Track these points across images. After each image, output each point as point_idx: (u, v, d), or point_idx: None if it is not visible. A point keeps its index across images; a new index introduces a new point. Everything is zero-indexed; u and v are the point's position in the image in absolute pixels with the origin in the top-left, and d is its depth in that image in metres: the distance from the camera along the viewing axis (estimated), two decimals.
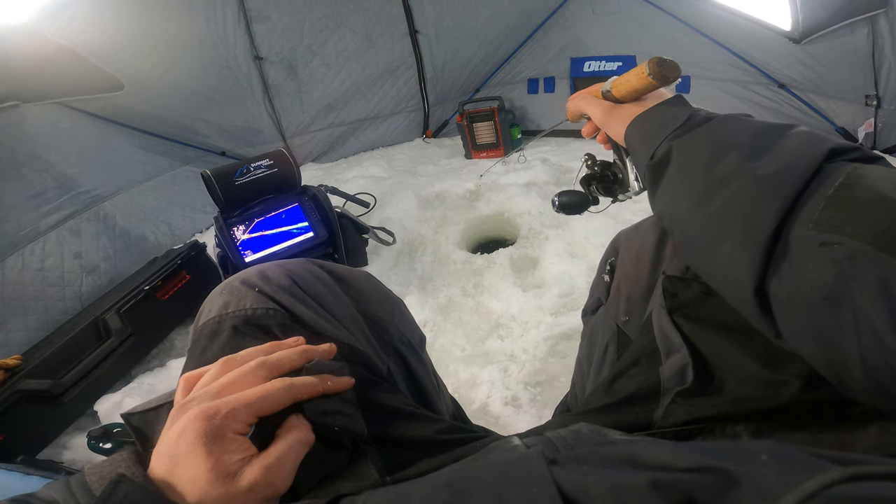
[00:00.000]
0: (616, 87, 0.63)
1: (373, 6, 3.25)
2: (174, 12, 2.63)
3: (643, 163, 0.56)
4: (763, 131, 0.46)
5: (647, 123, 0.57)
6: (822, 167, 0.39)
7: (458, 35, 3.34)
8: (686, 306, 0.52)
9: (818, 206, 0.36)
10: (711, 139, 0.49)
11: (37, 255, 2.02)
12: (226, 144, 3.06)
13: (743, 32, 2.57)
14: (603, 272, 0.76)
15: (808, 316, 0.36)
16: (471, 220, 2.38)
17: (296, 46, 3.17)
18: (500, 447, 0.43)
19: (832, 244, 0.34)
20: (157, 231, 2.51)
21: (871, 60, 2.26)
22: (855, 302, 0.32)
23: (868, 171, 0.36)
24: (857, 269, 0.32)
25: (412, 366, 0.68)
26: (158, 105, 2.65)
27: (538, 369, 1.50)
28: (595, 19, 3.07)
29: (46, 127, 2.17)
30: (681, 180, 0.50)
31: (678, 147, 0.51)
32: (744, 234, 0.40)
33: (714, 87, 2.79)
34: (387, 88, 3.48)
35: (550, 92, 3.33)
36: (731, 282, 0.43)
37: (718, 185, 0.44)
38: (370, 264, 2.07)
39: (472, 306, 1.83)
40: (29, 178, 2.07)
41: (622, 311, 0.68)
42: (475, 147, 3.11)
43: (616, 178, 0.73)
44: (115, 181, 2.43)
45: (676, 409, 0.48)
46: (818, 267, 0.35)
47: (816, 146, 0.41)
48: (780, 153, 0.42)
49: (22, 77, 2.06)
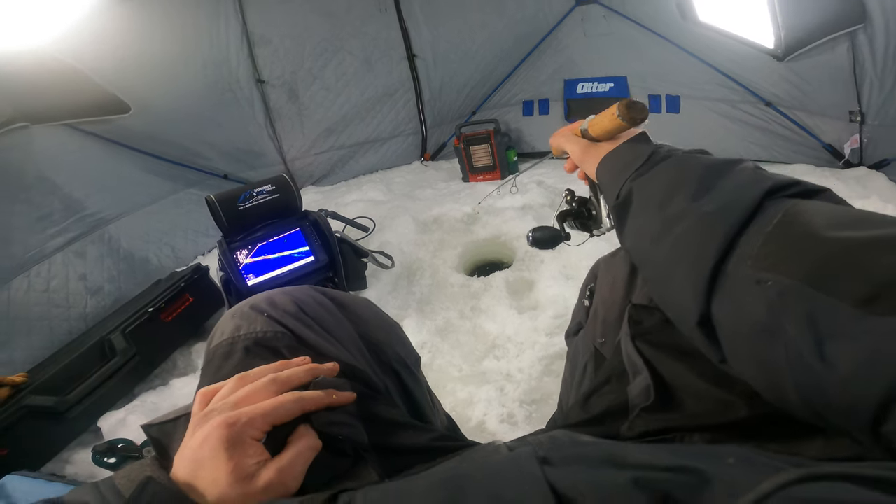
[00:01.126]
0: (592, 127, 0.66)
1: (371, 31, 3.34)
2: (181, 34, 2.72)
3: (610, 203, 0.60)
4: (710, 169, 0.49)
5: (613, 163, 0.61)
6: (762, 204, 0.42)
7: (455, 58, 3.42)
8: (648, 333, 0.56)
9: (757, 242, 0.39)
10: (664, 179, 0.53)
11: (42, 277, 2.06)
12: (228, 167, 3.11)
13: (729, 52, 2.63)
14: (583, 297, 0.81)
15: (748, 346, 0.39)
16: (468, 244, 2.42)
17: (297, 70, 3.25)
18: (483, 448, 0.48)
19: (767, 282, 0.37)
20: (160, 253, 2.55)
21: (852, 76, 2.31)
22: (787, 334, 0.35)
23: (805, 208, 0.39)
24: (788, 305, 0.35)
25: (407, 384, 0.73)
26: (163, 128, 2.71)
27: (533, 388, 1.54)
28: (587, 42, 3.14)
29: (54, 148, 2.22)
30: (640, 220, 0.54)
31: (637, 188, 0.55)
32: (690, 269, 0.44)
33: (703, 106, 2.84)
34: (385, 112, 3.55)
35: (545, 114, 3.39)
36: (680, 313, 0.47)
37: (670, 224, 0.48)
38: (370, 288, 2.10)
39: (469, 328, 1.87)
40: (36, 200, 2.11)
41: (599, 333, 0.73)
42: (472, 170, 3.16)
43: (590, 215, 0.78)
44: (120, 204, 2.48)
45: (640, 422, 0.52)
46: (754, 302, 0.38)
47: (758, 184, 0.44)
48: (722, 192, 0.46)
49: (32, 98, 2.11)
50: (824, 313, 0.33)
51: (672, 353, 0.53)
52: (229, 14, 2.94)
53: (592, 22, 3.05)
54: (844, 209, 0.40)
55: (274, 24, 3.11)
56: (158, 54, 2.60)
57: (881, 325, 0.30)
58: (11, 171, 2.05)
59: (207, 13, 2.85)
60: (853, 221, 0.36)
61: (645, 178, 0.55)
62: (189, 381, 1.79)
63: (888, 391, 0.29)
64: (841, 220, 0.36)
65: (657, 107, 2.98)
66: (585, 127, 0.68)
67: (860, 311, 0.31)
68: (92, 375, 1.68)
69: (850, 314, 0.32)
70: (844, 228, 0.35)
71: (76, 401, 1.60)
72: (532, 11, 3.15)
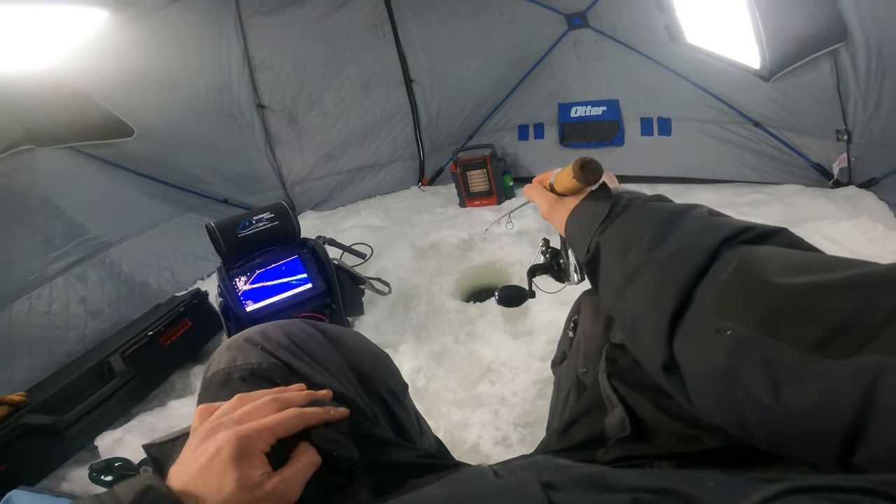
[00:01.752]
0: (556, 183, 0.69)
1: (370, 56, 3.41)
2: (184, 59, 2.79)
3: (581, 260, 0.62)
4: (665, 219, 0.52)
5: (579, 219, 0.64)
6: (719, 251, 0.44)
7: (452, 84, 3.49)
8: (622, 371, 0.60)
9: (715, 291, 0.41)
10: (623, 233, 0.55)
11: (44, 299, 2.09)
12: (228, 192, 3.15)
13: (718, 73, 2.68)
14: (568, 328, 0.84)
15: (711, 389, 0.41)
16: (464, 270, 2.44)
17: (297, 95, 3.32)
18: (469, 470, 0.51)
19: (725, 330, 0.39)
20: (159, 278, 2.57)
21: (837, 95, 2.33)
22: (745, 379, 0.37)
23: (758, 255, 0.41)
24: (745, 353, 0.37)
25: (395, 410, 0.77)
26: (165, 151, 2.76)
27: (527, 411, 1.56)
28: (580, 65, 3.20)
29: (59, 172, 2.27)
30: (606, 273, 0.57)
31: (602, 242, 0.57)
32: (651, 320, 0.47)
33: (694, 128, 2.89)
34: (383, 137, 3.60)
35: (540, 138, 3.43)
36: (646, 359, 0.50)
37: (631, 276, 0.51)
38: (367, 314, 2.12)
39: (464, 353, 1.89)
40: (40, 223, 2.15)
41: (581, 363, 0.76)
42: (469, 195, 3.18)
43: (560, 267, 0.81)
44: (122, 228, 2.51)
45: (615, 449, 0.56)
46: (714, 350, 0.40)
47: (713, 232, 0.46)
48: (677, 240, 0.48)
49: (39, 120, 2.15)
50: (779, 359, 0.35)
51: (643, 390, 0.56)
52: (231, 39, 3.02)
53: (584, 46, 3.12)
54: (796, 254, 0.42)
55: (275, 50, 3.18)
56: (162, 78, 2.66)
57: (832, 368, 0.32)
58: (17, 194, 2.09)
59: (210, 38, 2.92)
60: (802, 267, 0.38)
61: (608, 231, 0.57)
62: (186, 403, 1.80)
63: (847, 430, 0.30)
64: (791, 266, 0.38)
65: (649, 130, 3.03)
66: (552, 181, 0.70)
67: (812, 356, 0.33)
68: (90, 396, 1.70)
69: (802, 359, 0.33)
70: (795, 274, 0.37)
71: (74, 420, 1.62)
72: (526, 36, 3.23)
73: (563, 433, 0.65)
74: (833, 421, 0.31)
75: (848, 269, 0.35)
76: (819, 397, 0.32)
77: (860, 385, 0.30)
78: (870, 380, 0.29)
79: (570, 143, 3.29)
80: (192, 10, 2.76)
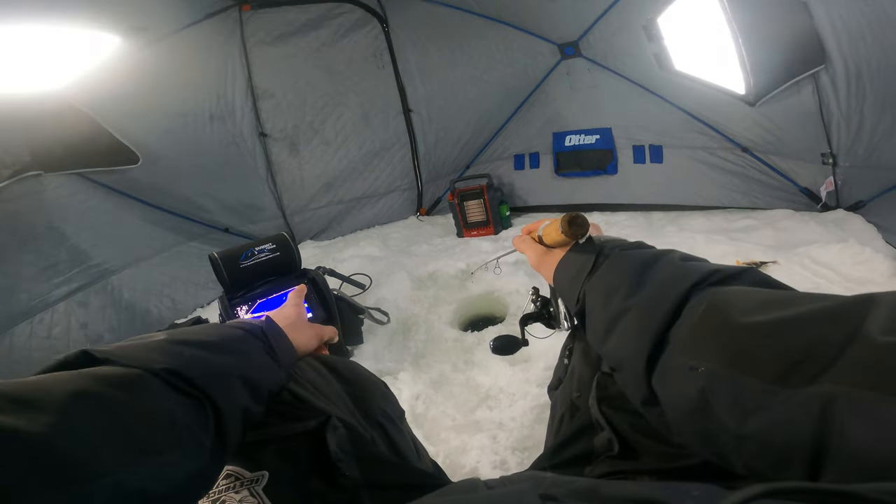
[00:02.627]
0: (544, 236, 0.72)
1: (369, 86, 3.51)
2: (191, 86, 2.86)
3: (572, 309, 0.67)
4: (640, 266, 0.57)
5: (566, 271, 0.69)
6: (689, 296, 0.49)
7: (449, 113, 3.57)
8: (611, 398, 0.65)
9: (686, 333, 0.46)
10: (604, 282, 0.60)
11: (45, 324, 2.11)
12: (229, 221, 3.19)
13: (705, 99, 2.75)
14: (564, 356, 0.89)
15: (687, 422, 0.46)
16: (462, 300, 2.47)
17: (298, 124, 3.39)
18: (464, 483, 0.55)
19: (698, 368, 0.43)
20: (160, 305, 2.59)
21: (820, 118, 2.38)
22: (716, 411, 0.41)
23: (724, 297, 0.45)
24: (715, 387, 0.41)
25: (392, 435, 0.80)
26: (169, 179, 2.80)
27: (525, 436, 1.56)
28: (573, 94, 3.28)
29: (65, 199, 2.30)
30: (592, 319, 0.61)
31: (588, 291, 0.62)
32: (631, 361, 0.51)
33: (684, 154, 2.95)
34: (382, 166, 3.66)
35: (536, 167, 3.49)
36: (630, 396, 0.55)
37: (613, 321, 0.56)
38: (366, 343, 2.14)
39: (462, 380, 1.90)
40: (45, 250, 2.18)
41: (575, 389, 0.80)
42: (466, 225, 3.22)
43: (551, 315, 0.86)
44: (125, 255, 2.54)
45: (603, 465, 0.60)
46: (688, 386, 0.44)
47: (683, 279, 0.51)
48: (651, 287, 0.53)
49: (47, 145, 2.18)
50: (746, 391, 0.39)
51: (629, 415, 0.61)
52: (236, 67, 3.10)
53: (577, 75, 3.20)
54: (758, 293, 0.46)
55: (277, 79, 3.27)
56: (167, 105, 2.73)
57: (792, 397, 0.35)
58: (22, 219, 2.13)
59: (216, 66, 3.01)
60: (764, 305, 0.42)
61: (591, 281, 0.62)
62: None
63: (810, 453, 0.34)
64: (754, 306, 0.42)
65: (642, 157, 3.10)
66: (540, 234, 0.74)
67: (775, 387, 0.36)
68: None
69: (766, 390, 0.37)
70: (757, 313, 0.41)
71: None
72: (521, 66, 3.32)
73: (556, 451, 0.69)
74: (797, 445, 0.35)
75: (805, 304, 0.39)
76: (782, 424, 0.36)
77: (815, 412, 0.33)
78: (822, 407, 0.33)
79: (566, 173, 3.35)
80: (198, 39, 2.85)
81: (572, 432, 0.70)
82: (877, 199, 2.39)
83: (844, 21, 2.10)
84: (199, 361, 0.52)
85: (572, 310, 0.66)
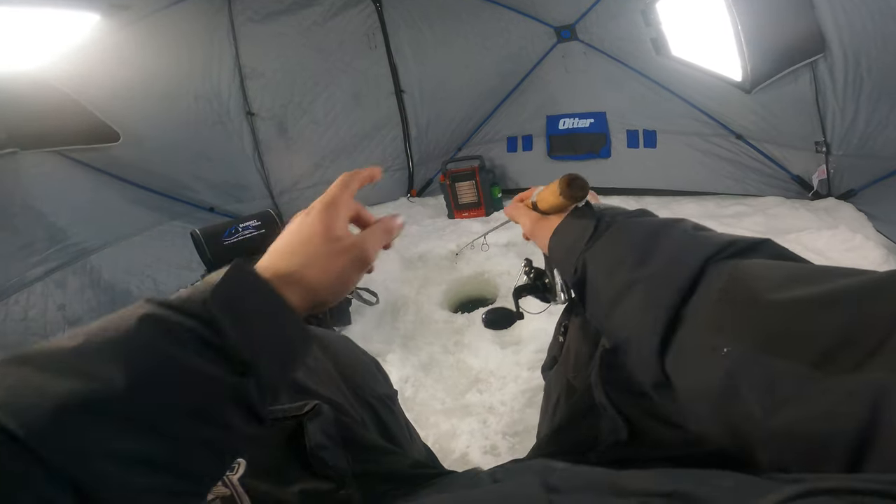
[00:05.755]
0: (539, 201, 0.67)
1: (361, 66, 3.43)
2: (174, 65, 2.77)
3: (569, 280, 0.61)
4: (649, 234, 0.51)
5: (563, 239, 0.62)
6: (705, 269, 0.43)
7: (442, 95, 3.51)
8: (616, 378, 0.58)
9: (706, 310, 0.41)
10: (609, 250, 0.54)
11: (21, 306, 2.04)
12: (214, 200, 3.12)
13: (701, 85, 2.73)
14: (559, 333, 0.84)
15: (709, 410, 0.40)
16: (452, 281, 2.44)
17: (287, 104, 3.31)
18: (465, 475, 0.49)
19: (721, 348, 0.38)
20: (141, 286, 2.53)
21: (816, 107, 2.38)
22: (744, 398, 0.36)
23: (747, 271, 0.40)
24: (743, 371, 0.36)
25: (383, 417, 0.75)
26: (151, 158, 2.73)
27: (516, 420, 1.55)
28: (568, 78, 3.24)
29: (42, 176, 2.23)
30: (593, 292, 0.56)
31: (589, 261, 0.56)
32: (639, 339, 0.46)
33: (678, 140, 2.93)
34: (373, 147, 3.60)
35: (528, 150, 3.45)
36: (639, 377, 0.49)
37: (618, 295, 0.50)
38: (354, 324, 2.11)
39: (452, 363, 1.88)
40: (20, 228, 2.11)
41: (571, 368, 0.76)
42: (457, 207, 3.19)
43: (546, 287, 0.80)
44: (104, 234, 2.47)
45: (610, 452, 0.55)
46: (710, 369, 0.39)
47: (698, 249, 0.45)
48: (662, 257, 0.48)
49: (23, 123, 2.12)
50: (780, 377, 0.34)
51: (637, 397, 0.55)
52: (223, 46, 3.01)
53: (573, 58, 3.16)
54: (783, 266, 0.41)
55: (266, 58, 3.18)
56: (151, 84, 2.64)
57: (835, 385, 0.31)
58: None
59: (202, 44, 2.92)
60: (791, 280, 0.37)
61: (593, 250, 0.56)
62: None
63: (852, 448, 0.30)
64: (780, 281, 0.38)
65: (635, 142, 3.08)
66: (535, 199, 0.69)
67: (815, 373, 0.32)
68: None
69: (804, 376, 0.33)
70: (786, 289, 0.36)
71: None
72: (516, 49, 3.27)
73: (553, 437, 0.64)
74: (837, 440, 0.30)
75: (838, 279, 0.35)
76: (821, 416, 0.31)
77: (864, 403, 0.29)
78: (874, 398, 0.29)
79: (558, 156, 3.32)
80: (183, 17, 2.75)
81: (570, 416, 0.65)
82: (868, 187, 2.41)
83: (846, 11, 2.10)
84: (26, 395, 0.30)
85: (569, 281, 0.61)
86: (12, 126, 2.07)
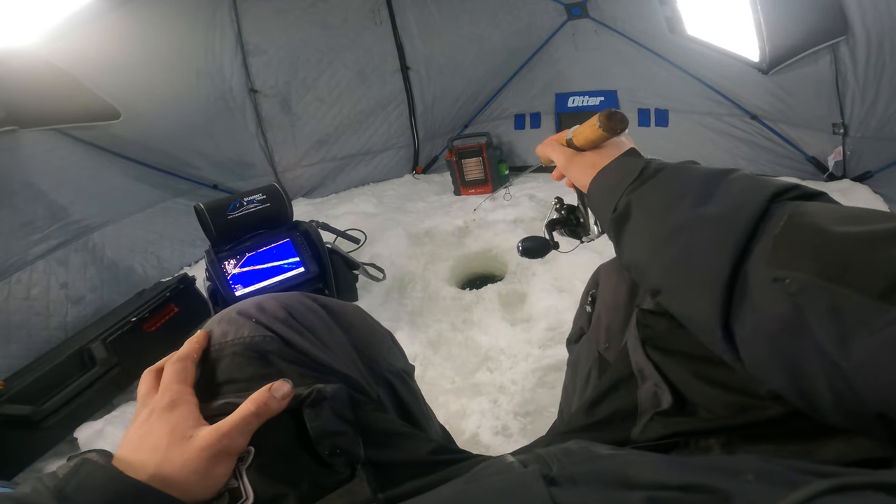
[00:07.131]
0: (576, 137, 0.68)
1: (366, 43, 3.35)
2: (176, 42, 2.71)
3: (606, 217, 0.60)
4: (709, 177, 0.50)
5: (606, 177, 0.62)
6: (768, 208, 0.43)
7: (448, 71, 3.45)
8: (657, 338, 0.55)
9: (769, 245, 0.40)
10: (664, 190, 0.53)
11: (23, 284, 2.01)
12: (218, 177, 3.08)
13: (716, 65, 2.67)
14: (585, 303, 0.80)
15: (773, 349, 0.38)
16: (459, 257, 2.42)
17: (290, 80, 3.25)
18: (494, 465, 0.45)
19: (785, 279, 0.37)
20: (145, 263, 2.50)
21: (835, 89, 2.34)
22: (811, 329, 0.35)
23: (808, 209, 0.40)
24: (808, 299, 0.35)
25: (400, 394, 0.71)
26: (153, 135, 2.68)
27: (527, 399, 1.52)
28: (578, 56, 3.18)
29: (42, 154, 2.18)
30: (640, 232, 0.54)
31: (636, 200, 0.55)
32: (703, 279, 0.44)
33: (691, 119, 2.89)
34: (378, 124, 3.55)
35: (536, 128, 3.42)
36: (698, 324, 0.47)
37: (675, 233, 0.48)
38: (360, 300, 2.08)
39: (461, 340, 1.86)
40: (20, 206, 2.07)
41: (602, 339, 0.72)
42: (464, 183, 3.16)
43: (579, 222, 0.79)
44: (106, 212, 2.43)
45: (654, 426, 0.51)
46: (775, 301, 0.37)
47: (761, 189, 0.45)
48: (725, 198, 0.46)
49: (22, 101, 2.07)
50: (846, 307, 0.33)
51: (684, 359, 0.52)
52: (225, 23, 2.94)
53: (583, 36, 3.10)
54: (845, 207, 0.41)
55: (270, 34, 3.11)
56: (151, 61, 2.58)
57: None
58: None
59: (203, 21, 2.85)
60: (854, 218, 0.37)
61: (642, 189, 0.55)
62: None
63: None
64: (844, 218, 0.37)
65: (646, 120, 3.03)
66: (570, 136, 0.69)
67: (883, 304, 0.31)
68: (70, 385, 1.63)
69: (871, 306, 0.32)
70: (849, 224, 0.36)
71: (52, 410, 1.54)
72: (525, 25, 3.20)
73: (589, 410, 0.60)
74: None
75: None
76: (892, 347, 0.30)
77: None
78: None
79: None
80: None
81: (606, 388, 0.60)
82: (885, 170, 2.36)
83: None
84: None
85: (606, 219, 0.60)
86: (11, 103, 2.03)
